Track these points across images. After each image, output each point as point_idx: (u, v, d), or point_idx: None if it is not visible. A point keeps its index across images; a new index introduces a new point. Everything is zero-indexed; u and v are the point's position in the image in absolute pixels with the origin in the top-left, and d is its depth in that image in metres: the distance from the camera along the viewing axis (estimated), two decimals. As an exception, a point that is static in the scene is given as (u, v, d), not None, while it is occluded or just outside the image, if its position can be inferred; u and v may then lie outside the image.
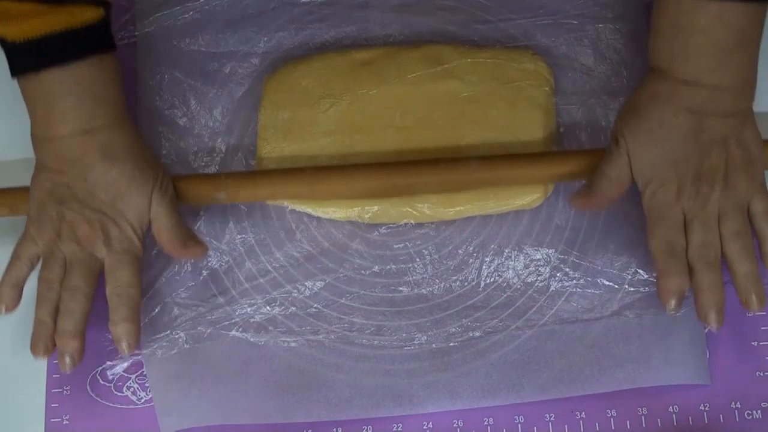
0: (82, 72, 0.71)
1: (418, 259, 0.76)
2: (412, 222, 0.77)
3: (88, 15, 0.70)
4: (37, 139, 0.73)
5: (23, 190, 0.75)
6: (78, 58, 0.71)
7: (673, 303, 0.69)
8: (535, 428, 0.72)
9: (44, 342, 0.71)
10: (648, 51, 0.72)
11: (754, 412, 0.72)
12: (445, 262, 0.76)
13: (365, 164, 0.76)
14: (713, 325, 0.69)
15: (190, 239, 0.74)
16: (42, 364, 0.75)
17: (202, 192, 0.76)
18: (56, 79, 0.71)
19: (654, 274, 0.73)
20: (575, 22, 0.82)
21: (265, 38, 0.84)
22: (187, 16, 0.84)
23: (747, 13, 0.68)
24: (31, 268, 0.73)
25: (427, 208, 0.76)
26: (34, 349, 0.71)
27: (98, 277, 0.73)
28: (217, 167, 0.80)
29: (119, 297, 0.72)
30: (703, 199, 0.70)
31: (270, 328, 0.75)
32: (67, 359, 0.71)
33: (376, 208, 0.77)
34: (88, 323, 0.73)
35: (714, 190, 0.70)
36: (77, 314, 0.71)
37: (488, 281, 0.76)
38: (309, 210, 0.77)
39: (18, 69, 0.71)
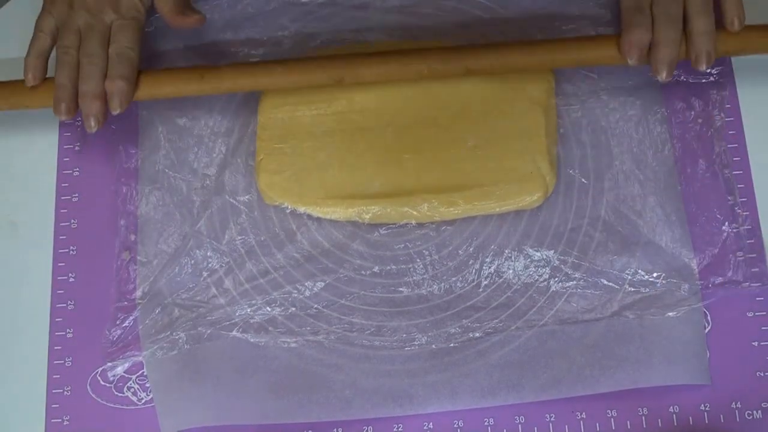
0: None
1: (418, 260, 0.76)
2: (413, 222, 0.77)
3: None
4: None
5: None
6: None
7: (634, 54, 0.74)
8: (535, 428, 0.73)
9: (65, 102, 0.75)
10: None
11: (755, 412, 0.72)
12: (445, 262, 0.76)
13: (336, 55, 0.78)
14: (663, 76, 0.74)
15: (189, 8, 0.78)
16: (43, 365, 0.75)
17: (174, 84, 0.78)
18: None
19: (654, 275, 0.75)
20: (576, 24, 0.82)
21: (265, 38, 0.83)
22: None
23: None
24: (53, 39, 0.77)
25: (427, 209, 0.76)
26: (56, 109, 0.75)
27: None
28: (217, 167, 0.80)
29: (119, 56, 0.76)
30: None
31: (270, 328, 0.75)
32: (92, 121, 0.75)
33: (376, 208, 0.77)
34: (88, 326, 0.75)
35: None
36: (96, 76, 0.75)
37: (488, 282, 0.76)
38: (309, 211, 0.77)
39: None
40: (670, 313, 0.73)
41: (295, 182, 0.78)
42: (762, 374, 0.73)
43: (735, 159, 0.78)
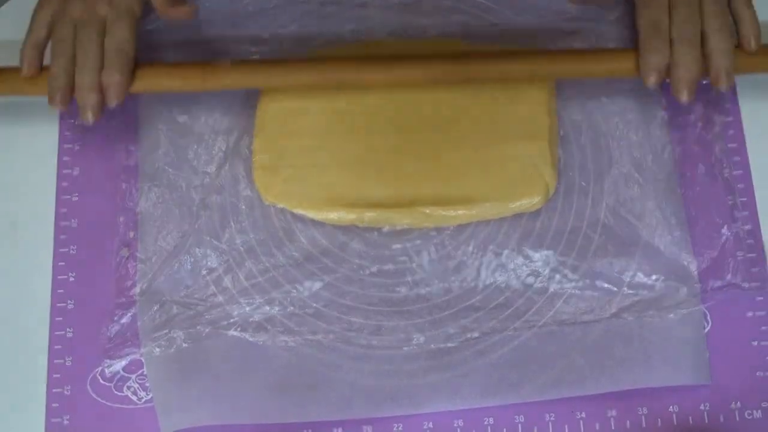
0: None
1: (417, 260, 0.76)
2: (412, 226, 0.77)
3: None
4: None
5: None
6: None
7: (653, 78, 0.74)
8: (535, 428, 0.72)
9: (60, 92, 0.76)
10: None
11: (754, 412, 0.72)
12: (444, 262, 0.76)
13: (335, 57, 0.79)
14: (684, 97, 0.74)
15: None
16: (43, 364, 0.75)
17: (174, 79, 0.78)
18: None
19: (653, 277, 0.75)
20: (576, 23, 0.82)
21: (266, 36, 0.83)
22: (187, 13, 0.84)
23: None
24: (48, 31, 0.78)
25: (427, 218, 0.76)
26: (51, 100, 0.76)
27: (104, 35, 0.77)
28: (216, 165, 0.80)
29: (114, 50, 0.76)
30: None
31: (269, 327, 0.75)
32: (89, 112, 0.76)
33: (375, 215, 0.77)
34: (88, 325, 0.75)
35: None
36: (92, 68, 0.76)
37: (487, 282, 0.76)
38: (307, 214, 0.78)
39: None
40: (669, 316, 0.73)
41: (293, 184, 0.77)
42: (762, 374, 0.73)
43: (735, 159, 0.79)
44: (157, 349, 0.74)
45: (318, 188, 0.77)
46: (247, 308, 0.75)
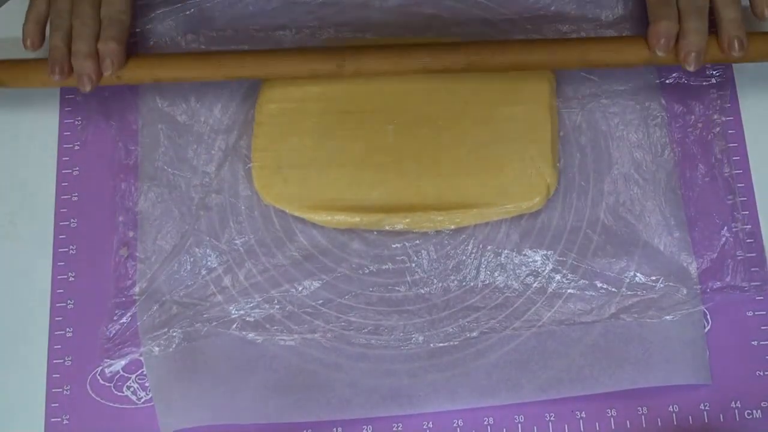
0: None
1: (416, 259, 0.76)
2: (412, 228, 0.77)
3: None
4: None
5: None
6: None
7: (662, 42, 0.74)
8: (535, 428, 0.72)
9: (59, 63, 0.77)
10: None
11: (754, 411, 0.72)
12: (443, 261, 0.76)
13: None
14: (692, 65, 0.74)
15: None
16: (42, 364, 0.75)
17: (173, 68, 0.79)
18: None
19: (653, 277, 0.75)
20: (575, 24, 0.82)
21: (266, 37, 0.83)
22: (188, 13, 0.84)
23: None
24: (48, 4, 0.79)
25: (427, 222, 0.76)
26: (51, 70, 0.77)
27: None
28: (216, 165, 0.80)
29: (110, 20, 0.78)
30: None
31: (268, 326, 0.75)
32: (85, 79, 0.77)
33: (374, 219, 0.77)
34: (87, 325, 0.75)
35: None
36: (89, 37, 0.77)
37: (486, 282, 0.76)
38: (305, 217, 0.77)
39: None
40: (668, 317, 0.73)
41: (292, 186, 0.77)
42: (762, 374, 0.73)
43: (735, 158, 0.79)
44: (157, 349, 0.74)
45: (317, 191, 0.77)
46: (247, 307, 0.75)
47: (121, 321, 0.76)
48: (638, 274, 0.75)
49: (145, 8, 0.84)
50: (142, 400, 0.74)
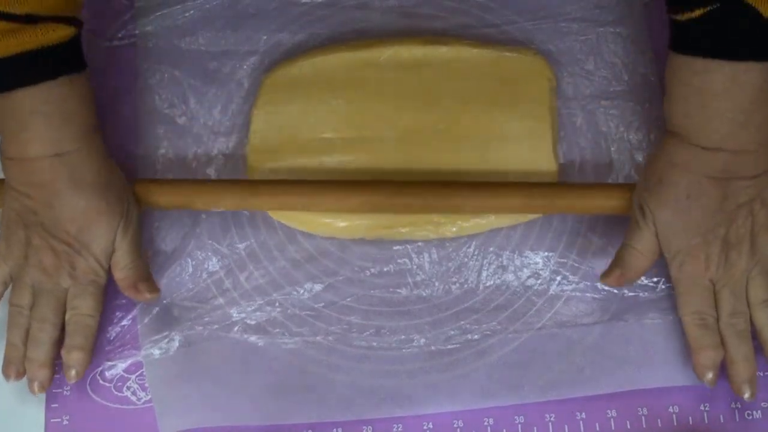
0: (52, 91, 0.69)
1: (417, 261, 0.77)
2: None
3: (60, 33, 0.69)
4: (6, 158, 0.72)
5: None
6: (49, 77, 0.69)
7: (710, 376, 0.70)
8: (535, 428, 0.72)
9: (16, 366, 0.72)
10: (664, 112, 0.71)
11: (754, 412, 0.72)
12: (444, 263, 0.76)
13: (348, 181, 0.76)
14: (747, 395, 0.70)
15: (143, 281, 0.74)
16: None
17: (183, 198, 0.76)
18: (26, 97, 0.69)
19: (654, 280, 0.74)
20: (576, 25, 0.82)
21: (265, 38, 0.83)
22: (187, 15, 0.84)
23: (763, 71, 0.65)
24: (5, 286, 0.74)
25: (428, 233, 0.76)
26: (5, 372, 0.72)
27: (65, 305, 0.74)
28: (215, 168, 0.80)
29: (76, 325, 0.73)
30: (731, 267, 0.70)
31: (269, 329, 0.75)
32: (36, 385, 0.72)
33: (374, 233, 0.77)
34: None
35: (741, 257, 0.70)
36: (46, 344, 0.72)
37: (487, 283, 0.76)
38: (303, 228, 0.78)
39: None
40: (669, 318, 0.73)
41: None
42: (761, 374, 0.73)
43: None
44: (157, 352, 0.74)
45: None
46: (248, 310, 0.75)
47: (122, 323, 0.76)
48: (638, 276, 0.75)
49: (145, 9, 0.84)
50: (143, 401, 0.74)
